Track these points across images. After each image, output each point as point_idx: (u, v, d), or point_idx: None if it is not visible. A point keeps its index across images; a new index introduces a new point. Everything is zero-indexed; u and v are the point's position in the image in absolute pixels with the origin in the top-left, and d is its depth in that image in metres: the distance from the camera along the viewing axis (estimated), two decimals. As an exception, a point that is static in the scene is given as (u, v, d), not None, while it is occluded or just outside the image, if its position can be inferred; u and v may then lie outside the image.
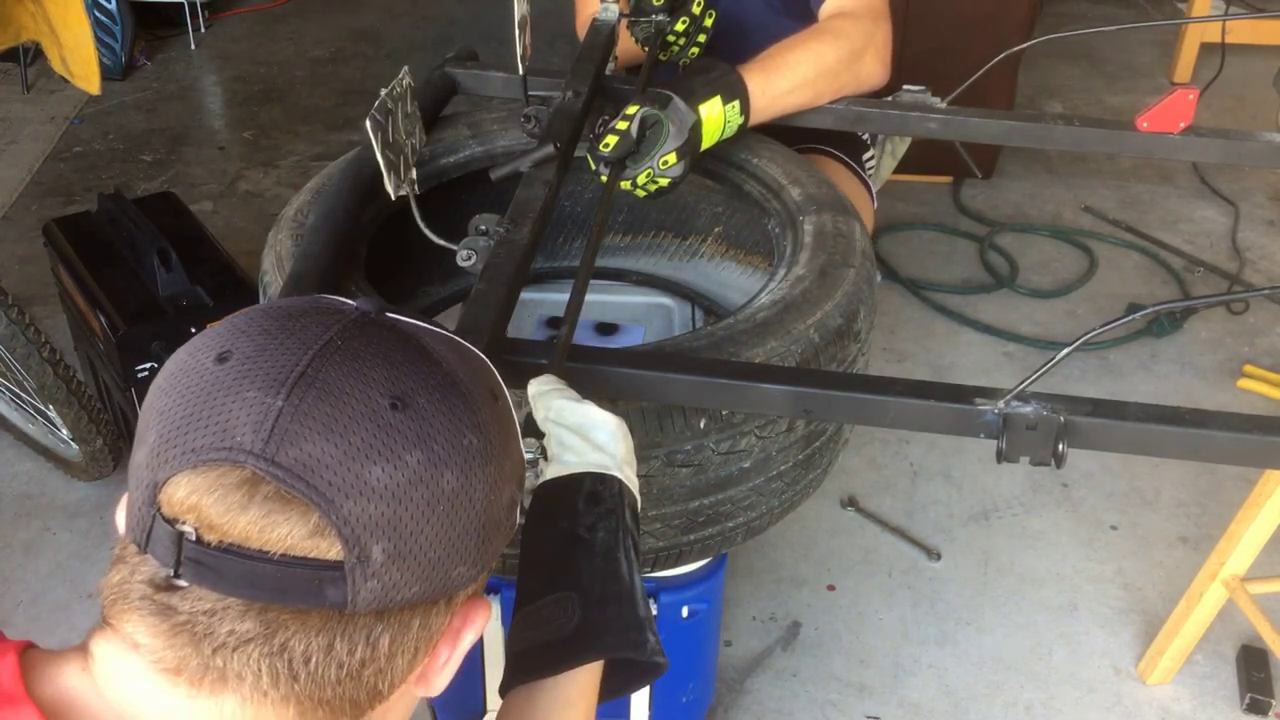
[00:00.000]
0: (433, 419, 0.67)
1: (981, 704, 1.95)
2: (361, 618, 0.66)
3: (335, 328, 0.68)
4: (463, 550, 0.68)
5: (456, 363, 0.71)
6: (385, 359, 0.68)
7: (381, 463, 0.64)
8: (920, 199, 3.30)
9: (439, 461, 0.66)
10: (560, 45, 3.88)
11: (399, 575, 0.66)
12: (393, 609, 0.67)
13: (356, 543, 0.64)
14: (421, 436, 0.66)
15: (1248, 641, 2.03)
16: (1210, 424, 1.10)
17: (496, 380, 0.76)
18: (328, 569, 0.64)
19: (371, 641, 0.67)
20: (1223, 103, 3.67)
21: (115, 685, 0.67)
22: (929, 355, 2.73)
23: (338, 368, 0.66)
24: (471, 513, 0.68)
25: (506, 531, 0.74)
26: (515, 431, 0.75)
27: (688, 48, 1.72)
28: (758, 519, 1.37)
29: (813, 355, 1.28)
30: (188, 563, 0.64)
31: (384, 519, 0.64)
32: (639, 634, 0.89)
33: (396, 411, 0.66)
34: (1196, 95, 1.55)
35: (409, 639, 0.69)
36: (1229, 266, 3.04)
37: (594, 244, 1.26)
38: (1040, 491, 2.36)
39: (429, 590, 0.68)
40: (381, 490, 0.64)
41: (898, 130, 1.77)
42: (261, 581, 0.63)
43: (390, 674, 0.69)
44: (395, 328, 0.71)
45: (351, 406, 0.65)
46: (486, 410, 0.71)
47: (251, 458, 0.63)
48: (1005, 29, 2.98)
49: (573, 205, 1.84)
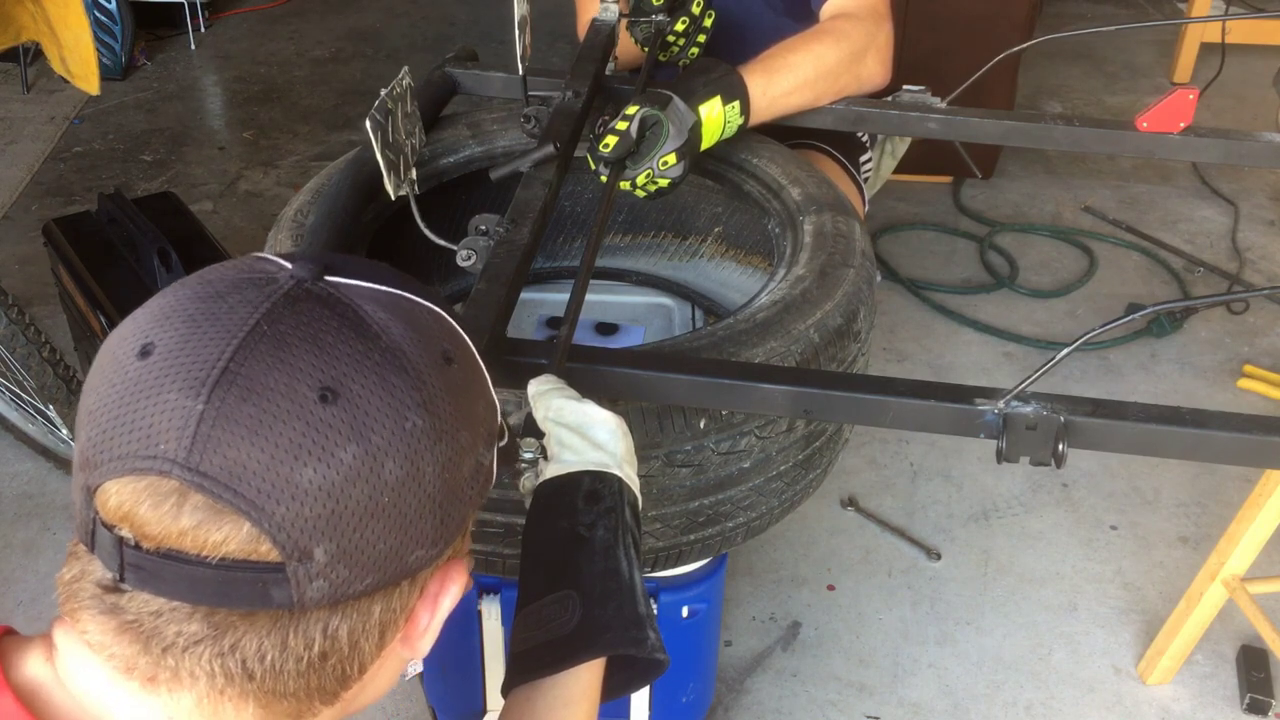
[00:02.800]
0: (368, 407, 0.63)
1: (981, 704, 1.95)
2: (314, 613, 0.64)
3: (264, 307, 0.64)
4: (417, 535, 0.66)
5: (401, 330, 0.66)
6: (314, 342, 0.63)
7: (313, 463, 0.61)
8: (920, 199, 3.30)
9: (378, 453, 0.63)
10: (560, 45, 3.88)
11: (347, 572, 0.63)
12: (347, 600, 0.65)
13: (294, 546, 0.61)
14: (356, 429, 0.62)
15: (1248, 641, 2.03)
16: (1210, 424, 1.10)
17: (453, 336, 0.71)
18: (269, 571, 0.62)
19: (330, 634, 0.65)
20: (1223, 103, 3.67)
21: (75, 678, 0.66)
22: (929, 355, 2.73)
23: (261, 360, 0.62)
24: (422, 496, 0.65)
25: (474, 498, 0.71)
26: (478, 390, 0.71)
27: (687, 48, 1.72)
28: (758, 519, 1.37)
29: (813, 355, 1.28)
30: (129, 567, 0.62)
31: (322, 520, 0.62)
32: (639, 631, 0.89)
33: (326, 405, 0.62)
34: (1196, 95, 1.55)
35: (371, 624, 0.67)
36: (1229, 266, 3.04)
37: (594, 244, 1.26)
38: (1040, 491, 2.36)
39: (385, 579, 0.66)
40: (315, 492, 0.61)
41: (898, 130, 1.77)
42: (203, 586, 0.62)
43: (357, 658, 0.67)
44: (331, 297, 0.66)
45: (276, 404, 0.61)
46: (435, 381, 0.66)
47: (176, 467, 0.60)
48: (1005, 29, 2.98)
49: (573, 205, 1.84)
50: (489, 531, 1.26)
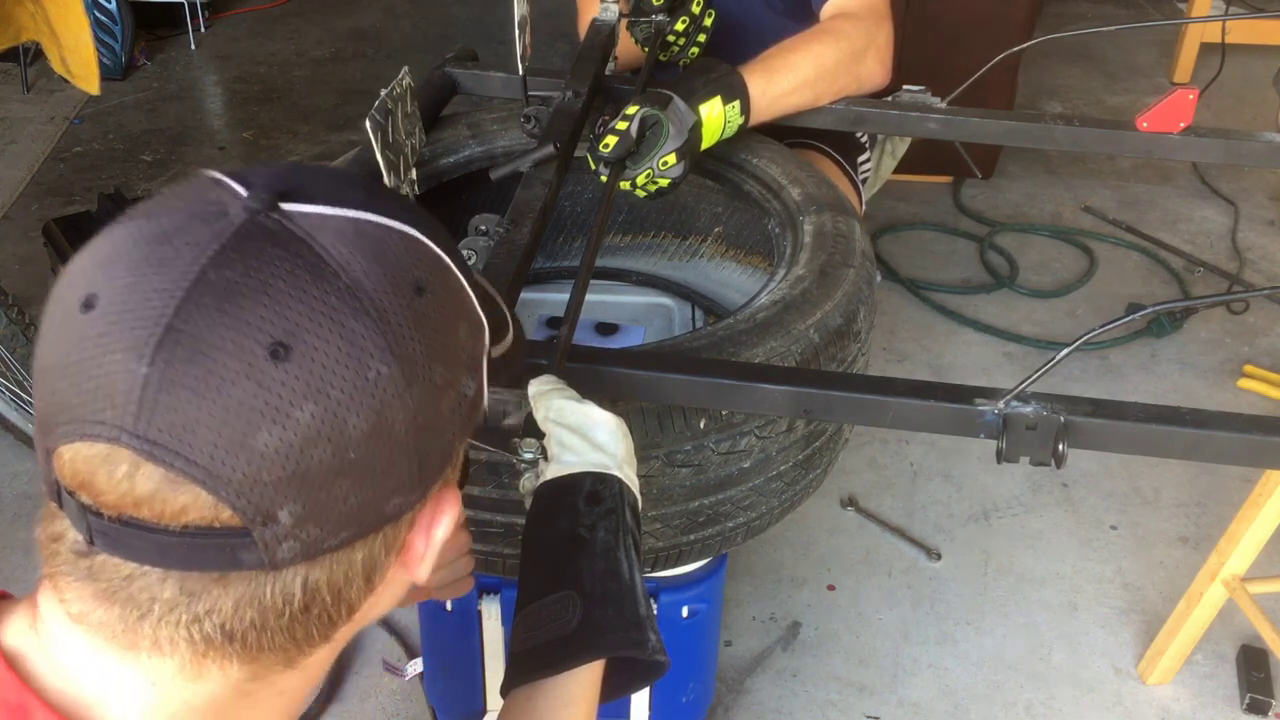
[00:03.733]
0: (325, 360, 0.58)
1: (981, 704, 1.95)
2: (289, 570, 0.61)
3: (210, 250, 0.59)
4: (393, 484, 0.62)
5: (363, 265, 0.61)
6: (264, 291, 0.58)
7: (268, 425, 0.57)
8: (920, 199, 3.30)
9: (339, 409, 0.59)
10: (560, 45, 3.88)
11: (318, 530, 0.60)
12: (324, 555, 0.62)
13: (256, 511, 0.58)
14: (312, 386, 0.58)
15: (1248, 641, 2.03)
16: (1210, 424, 1.10)
17: (426, 260, 0.65)
18: (234, 536, 0.59)
19: (310, 587, 0.63)
20: (1223, 103, 3.67)
21: (57, 647, 0.64)
22: (929, 355, 2.73)
23: (207, 315, 0.57)
24: (393, 446, 0.61)
25: (459, 430, 0.67)
26: (457, 315, 0.66)
27: (688, 48, 1.72)
28: (758, 519, 1.37)
29: (813, 355, 1.28)
30: (95, 532, 0.60)
31: (283, 483, 0.58)
32: (640, 632, 0.89)
33: (278, 363, 0.57)
34: (1196, 95, 1.55)
35: (354, 571, 0.64)
36: (1229, 266, 3.04)
37: (594, 244, 1.26)
38: (1040, 491, 2.36)
39: (362, 530, 0.63)
40: (273, 455, 0.58)
41: (897, 130, 1.77)
42: (170, 552, 0.59)
43: (343, 604, 0.65)
44: (284, 233, 0.60)
45: (225, 364, 0.57)
46: (403, 319, 0.61)
47: (125, 434, 0.57)
48: (1005, 29, 2.98)
49: (573, 205, 1.84)
50: (489, 531, 1.26)
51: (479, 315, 0.69)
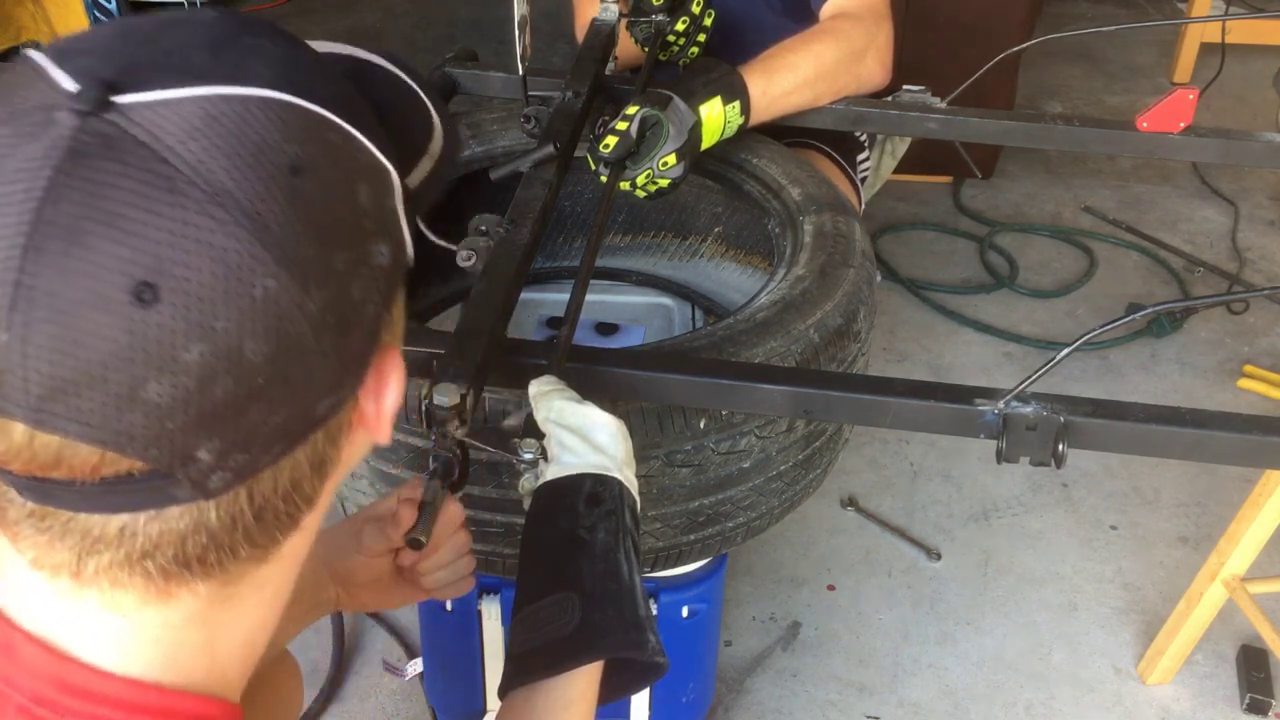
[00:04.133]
0: (200, 291, 0.52)
1: (981, 704, 1.95)
2: (229, 493, 0.58)
3: (44, 176, 0.51)
4: (315, 391, 0.58)
5: (223, 162, 0.53)
6: (113, 221, 0.51)
7: (154, 376, 0.52)
8: (920, 199, 3.30)
9: (230, 339, 0.53)
10: (560, 45, 3.88)
11: (244, 455, 0.57)
12: (261, 470, 0.59)
13: (171, 457, 0.55)
14: (193, 325, 0.52)
15: (1248, 641, 2.03)
16: (1210, 424, 1.10)
17: (303, 127, 0.57)
18: (158, 479, 0.56)
19: (256, 501, 0.59)
20: (1223, 103, 3.67)
21: (21, 588, 0.62)
22: (929, 355, 2.73)
23: (57, 263, 0.51)
24: (305, 356, 0.56)
25: (381, 301, 0.61)
26: (351, 179, 0.59)
27: (687, 48, 1.72)
28: (758, 519, 1.37)
29: (813, 355, 1.28)
30: (20, 489, 0.57)
31: (190, 426, 0.54)
32: (639, 634, 0.89)
33: (146, 306, 0.51)
34: (1196, 95, 1.55)
35: (300, 472, 0.61)
36: (1229, 266, 3.04)
37: (594, 245, 1.26)
38: (1040, 491, 2.36)
39: (295, 439, 0.59)
40: (170, 404, 0.53)
41: (897, 130, 1.77)
42: (96, 500, 0.56)
43: (298, 500, 0.62)
44: (123, 139, 0.52)
45: (88, 319, 0.51)
46: (284, 217, 0.54)
47: (9, 404, 0.53)
48: (1005, 29, 2.98)
49: (573, 205, 1.84)
50: (489, 531, 1.26)
51: (380, 162, 0.61)
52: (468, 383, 0.97)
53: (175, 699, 0.63)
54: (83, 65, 0.54)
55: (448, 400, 0.94)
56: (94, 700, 0.61)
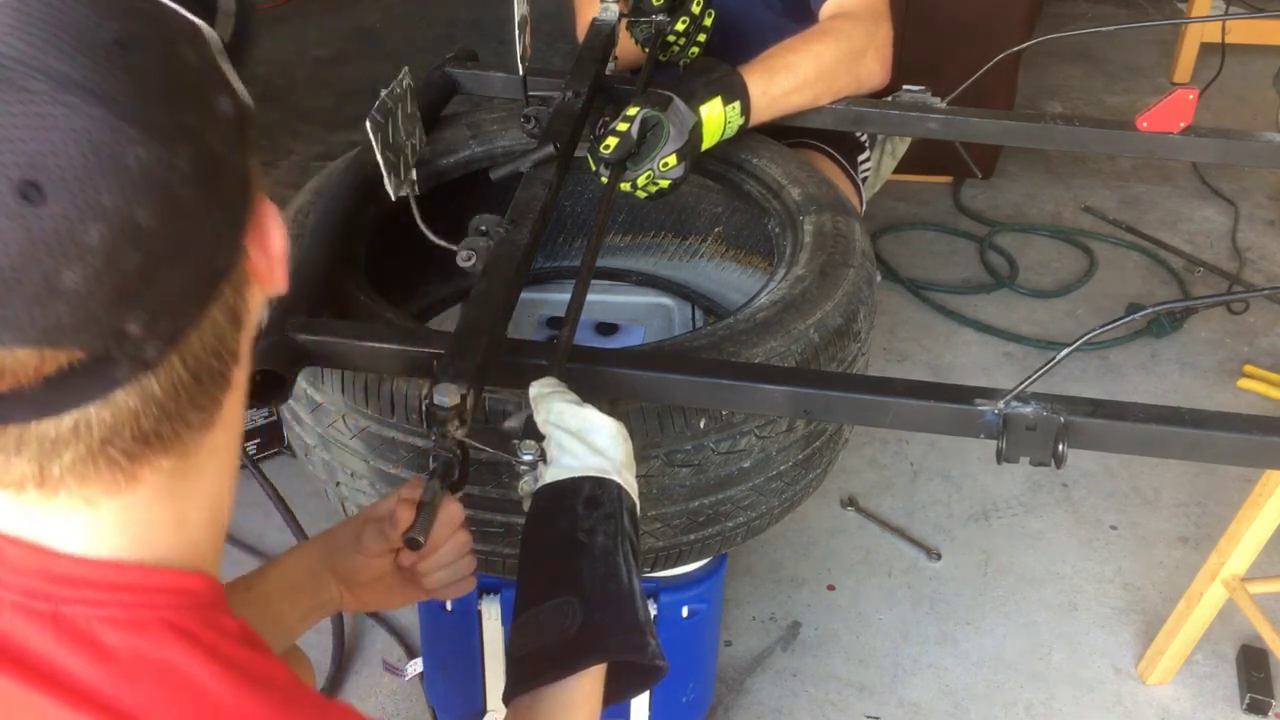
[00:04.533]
0: (79, 176, 0.55)
1: (981, 704, 1.95)
2: (165, 363, 0.62)
3: None
4: (208, 243, 0.62)
5: (54, 52, 0.55)
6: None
7: (64, 264, 0.55)
8: (920, 199, 3.30)
9: (122, 213, 0.56)
10: (560, 45, 3.87)
11: (170, 321, 0.60)
12: (187, 333, 0.62)
13: (103, 339, 0.58)
14: (84, 209, 0.55)
15: (1248, 641, 2.03)
16: (1210, 424, 1.10)
17: (116, 4, 0.59)
18: (97, 364, 0.59)
19: (190, 364, 0.63)
20: (1223, 103, 3.66)
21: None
22: (929, 355, 2.73)
23: None
24: (192, 213, 0.60)
25: (240, 152, 0.64)
26: (174, 40, 0.61)
27: (688, 48, 1.72)
28: (758, 519, 1.37)
29: (813, 355, 1.28)
30: None
31: (112, 304, 0.57)
32: (639, 636, 0.89)
33: (35, 204, 0.54)
34: (1196, 95, 1.55)
35: (221, 326, 0.64)
36: (1229, 266, 3.04)
37: (594, 246, 1.26)
38: (1040, 491, 2.36)
39: (206, 295, 0.63)
40: (87, 287, 0.56)
41: (898, 130, 1.78)
42: (45, 403, 0.59)
43: (225, 355, 0.66)
44: None
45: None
46: (126, 88, 0.57)
47: None
48: (1005, 29, 2.98)
49: (573, 205, 1.84)
50: (489, 531, 1.26)
51: (191, 21, 0.64)
52: (468, 383, 0.97)
53: (157, 575, 0.67)
54: None
55: (448, 400, 0.94)
56: (82, 586, 0.64)
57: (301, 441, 1.38)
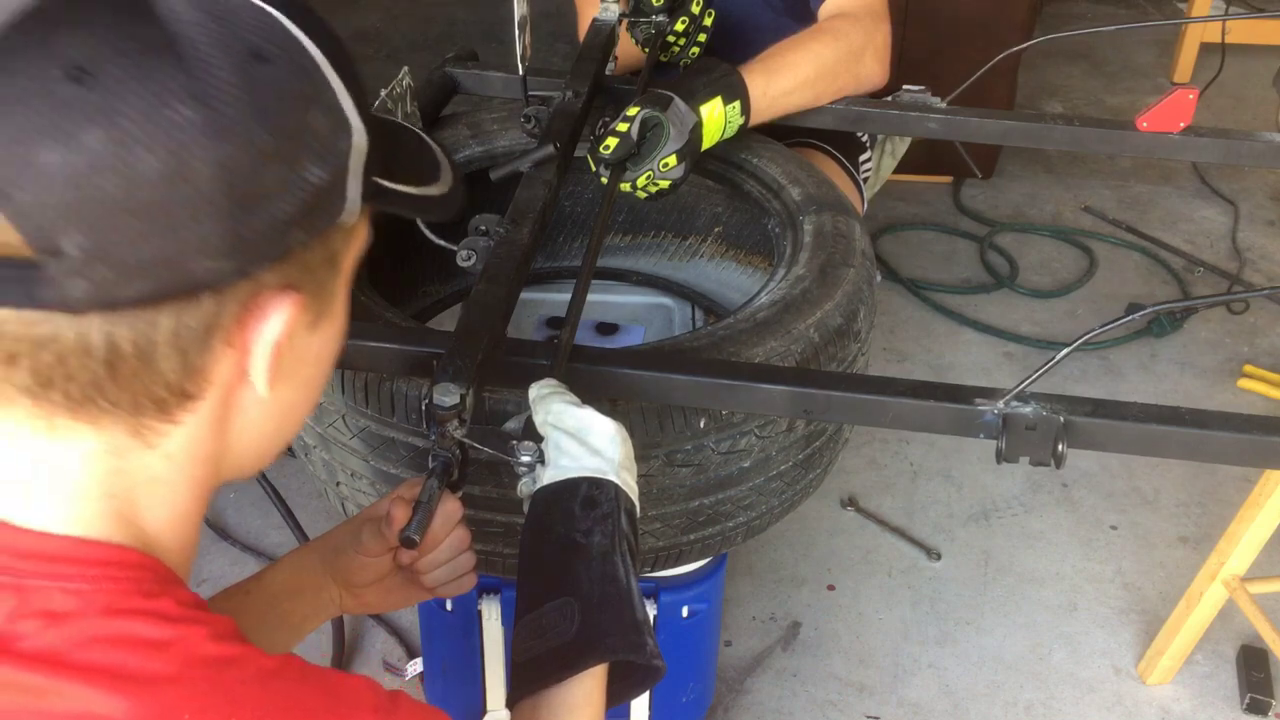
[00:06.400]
0: (122, 90, 0.58)
1: (981, 704, 1.95)
2: (89, 317, 0.61)
3: None
4: (197, 242, 0.61)
5: (195, 18, 0.61)
6: (81, 24, 0.59)
7: (51, 145, 0.57)
8: (920, 199, 3.30)
9: (130, 140, 0.58)
10: (560, 45, 3.88)
11: (109, 272, 0.60)
12: (123, 307, 0.62)
13: (39, 235, 0.58)
14: (104, 111, 0.57)
15: (1248, 641, 2.03)
16: (1210, 424, 1.10)
17: (282, 41, 0.65)
18: (21, 266, 0.59)
19: (110, 342, 0.62)
20: (1223, 103, 3.67)
21: None
22: (929, 355, 2.73)
23: (19, 35, 0.58)
24: (196, 198, 0.60)
25: (299, 216, 0.65)
26: (306, 97, 0.65)
27: (688, 48, 1.72)
28: (758, 519, 1.37)
29: (813, 355, 1.28)
30: None
31: (66, 210, 0.58)
32: (638, 637, 0.89)
33: (73, 83, 0.57)
34: (1196, 95, 1.55)
35: (162, 338, 0.63)
36: (1229, 266, 3.04)
37: (594, 247, 1.26)
38: (1040, 491, 2.36)
39: (162, 287, 0.62)
40: (56, 177, 0.57)
41: (898, 130, 1.78)
42: None
43: (159, 376, 0.64)
44: None
45: (21, 83, 0.58)
46: (226, 75, 0.60)
47: None
48: (1005, 29, 2.98)
49: (573, 205, 1.84)
50: (489, 531, 1.26)
51: (344, 114, 0.67)
52: (468, 383, 0.97)
53: (121, 553, 0.67)
54: None
55: (447, 400, 0.94)
56: (44, 560, 0.65)
57: (301, 441, 1.38)
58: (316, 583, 1.05)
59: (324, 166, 0.66)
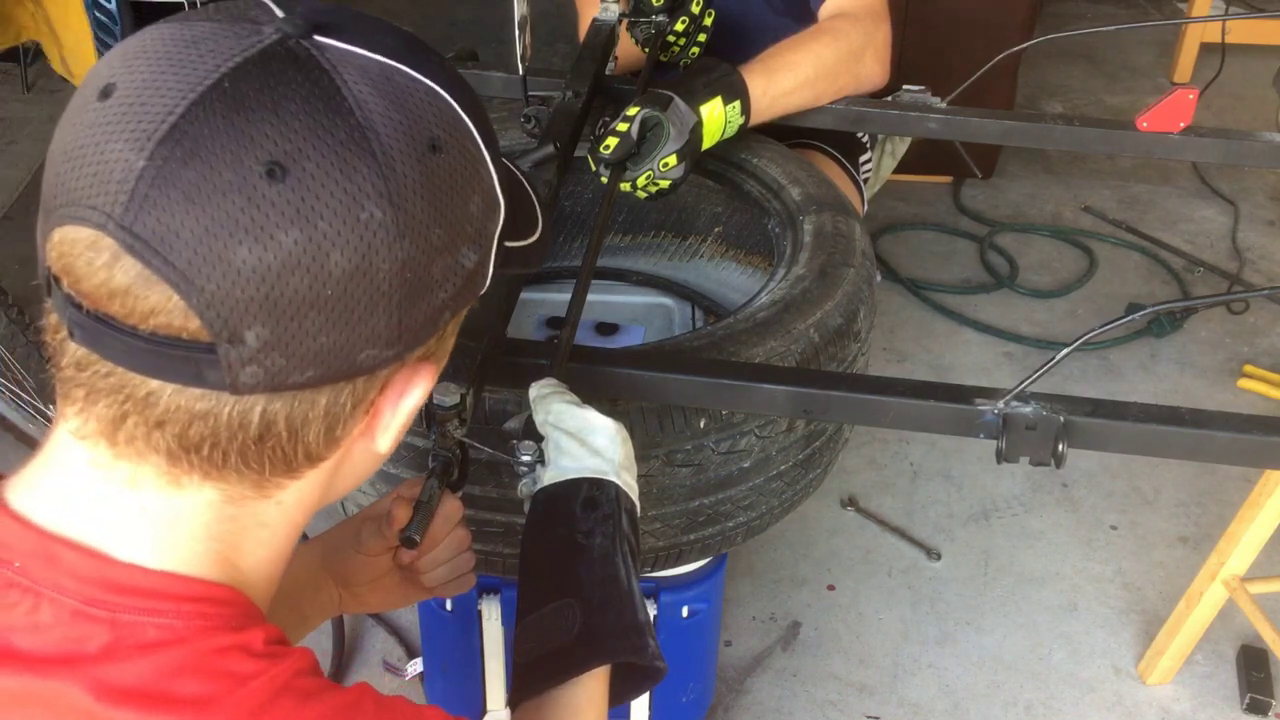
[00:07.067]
0: (319, 190, 0.59)
1: (981, 704, 1.95)
2: (251, 399, 0.62)
3: (234, 61, 0.59)
4: (368, 333, 0.62)
5: (380, 109, 0.61)
6: (275, 110, 0.59)
7: (249, 242, 0.58)
8: (920, 199, 3.30)
9: (324, 241, 0.59)
10: (560, 45, 3.87)
11: (283, 361, 0.61)
12: (287, 390, 0.63)
13: (224, 326, 0.59)
14: (302, 213, 0.58)
15: (1248, 641, 2.03)
16: (1210, 424, 1.10)
17: (450, 123, 0.65)
18: (200, 350, 0.59)
19: (266, 418, 0.63)
20: (1223, 103, 3.67)
21: (47, 497, 0.66)
22: (929, 355, 2.73)
23: (213, 121, 0.58)
24: (374, 293, 0.61)
25: (451, 300, 0.66)
26: (469, 185, 0.66)
27: (688, 48, 1.72)
28: (758, 519, 1.37)
29: (813, 355, 1.28)
30: (74, 325, 0.61)
31: (255, 303, 0.59)
32: (639, 638, 0.89)
33: (273, 181, 0.58)
34: (1196, 95, 1.55)
35: (315, 415, 0.65)
36: (1229, 266, 3.04)
37: (594, 246, 1.26)
38: (1040, 491, 2.36)
39: (330, 374, 0.63)
40: (249, 273, 0.58)
41: (898, 130, 1.77)
42: (137, 356, 0.60)
43: (299, 445, 0.66)
44: (310, 61, 0.61)
45: (219, 173, 0.57)
46: (410, 171, 0.61)
47: (112, 223, 0.58)
48: (1005, 29, 2.98)
49: (573, 205, 1.84)
50: (489, 531, 1.26)
51: (496, 194, 0.69)
52: (468, 383, 0.97)
53: (213, 589, 0.67)
54: (297, 7, 0.63)
55: (448, 400, 0.94)
56: (139, 595, 0.64)
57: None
58: (315, 583, 1.05)
59: (478, 250, 0.67)
